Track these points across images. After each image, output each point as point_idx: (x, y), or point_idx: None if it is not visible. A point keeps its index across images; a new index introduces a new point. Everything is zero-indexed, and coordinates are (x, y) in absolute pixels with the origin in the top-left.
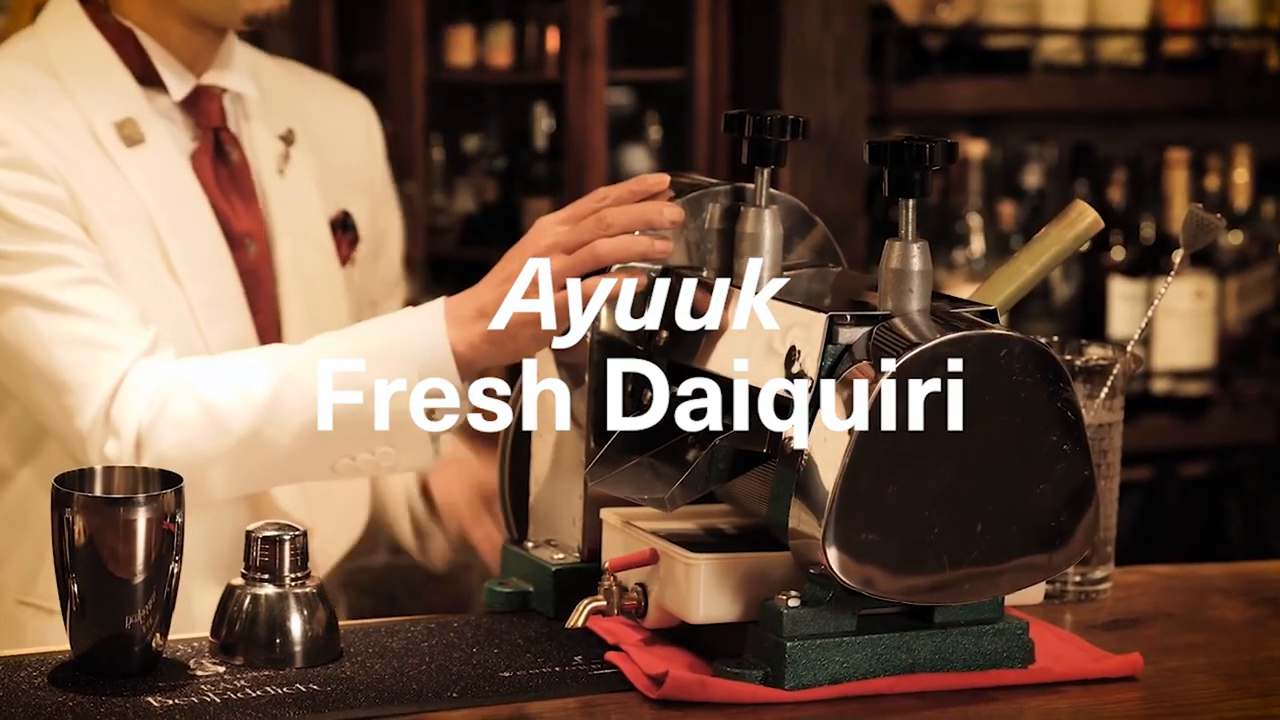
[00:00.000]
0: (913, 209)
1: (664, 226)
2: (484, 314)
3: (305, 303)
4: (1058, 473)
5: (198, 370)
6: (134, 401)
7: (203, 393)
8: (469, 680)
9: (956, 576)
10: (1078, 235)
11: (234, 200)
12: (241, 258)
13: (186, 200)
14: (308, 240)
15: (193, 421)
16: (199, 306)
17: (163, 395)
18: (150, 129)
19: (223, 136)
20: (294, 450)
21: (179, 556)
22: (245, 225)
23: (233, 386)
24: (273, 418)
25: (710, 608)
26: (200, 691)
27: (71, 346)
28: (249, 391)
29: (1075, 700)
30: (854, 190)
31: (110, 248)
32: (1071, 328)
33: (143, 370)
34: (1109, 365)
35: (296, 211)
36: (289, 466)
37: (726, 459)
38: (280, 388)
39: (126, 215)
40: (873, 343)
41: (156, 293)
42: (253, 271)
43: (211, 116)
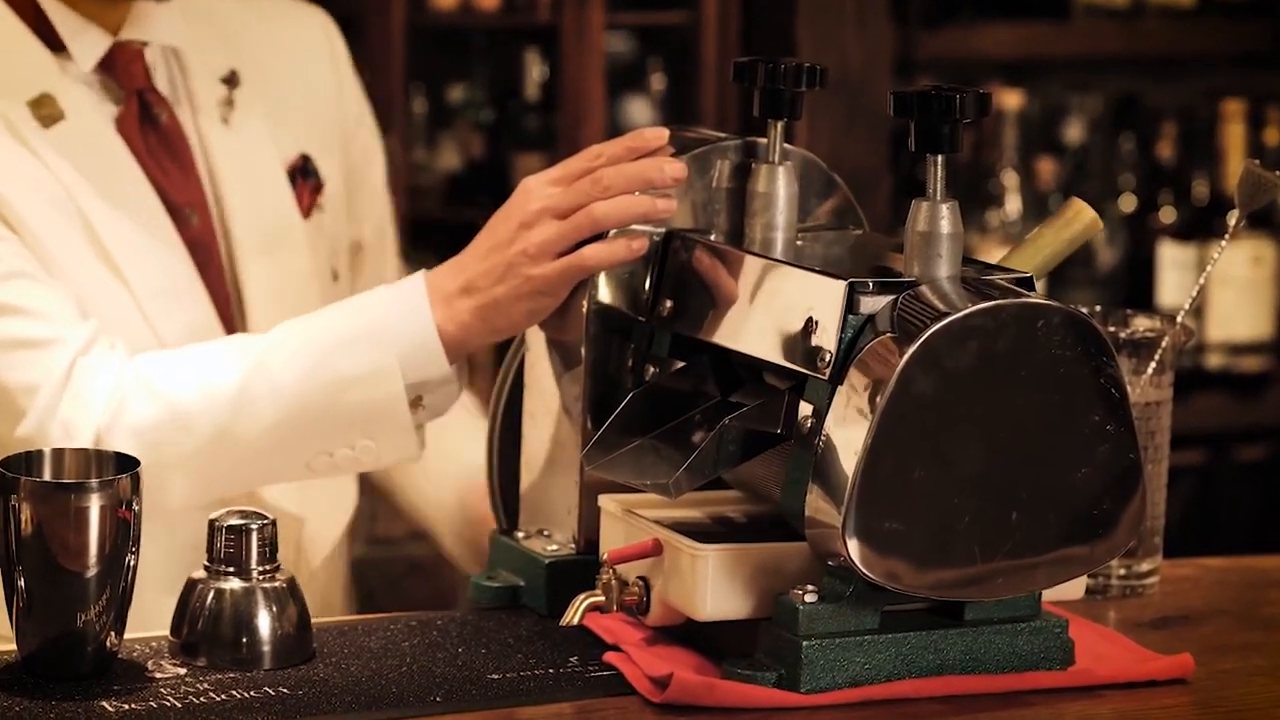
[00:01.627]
0: (942, 166)
1: (666, 185)
2: (470, 289)
3: (266, 268)
4: (1100, 456)
5: (157, 366)
6: (89, 402)
7: (163, 390)
8: (454, 683)
9: (989, 570)
10: (1073, 237)
11: (169, 168)
12: (185, 230)
13: (117, 176)
14: (261, 196)
15: (154, 423)
16: (146, 298)
17: (120, 395)
18: (69, 103)
19: (149, 98)
20: (265, 449)
21: (136, 548)
22: (184, 194)
23: (196, 382)
24: (241, 414)
25: (719, 603)
26: (159, 695)
27: (5, 348)
28: (214, 386)
29: (1119, 705)
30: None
31: (39, 244)
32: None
33: (91, 366)
34: (1157, 338)
35: (246, 165)
36: (260, 466)
37: (736, 441)
38: (248, 381)
39: (52, 206)
40: (898, 312)
41: (96, 288)
42: (200, 244)
43: (134, 78)
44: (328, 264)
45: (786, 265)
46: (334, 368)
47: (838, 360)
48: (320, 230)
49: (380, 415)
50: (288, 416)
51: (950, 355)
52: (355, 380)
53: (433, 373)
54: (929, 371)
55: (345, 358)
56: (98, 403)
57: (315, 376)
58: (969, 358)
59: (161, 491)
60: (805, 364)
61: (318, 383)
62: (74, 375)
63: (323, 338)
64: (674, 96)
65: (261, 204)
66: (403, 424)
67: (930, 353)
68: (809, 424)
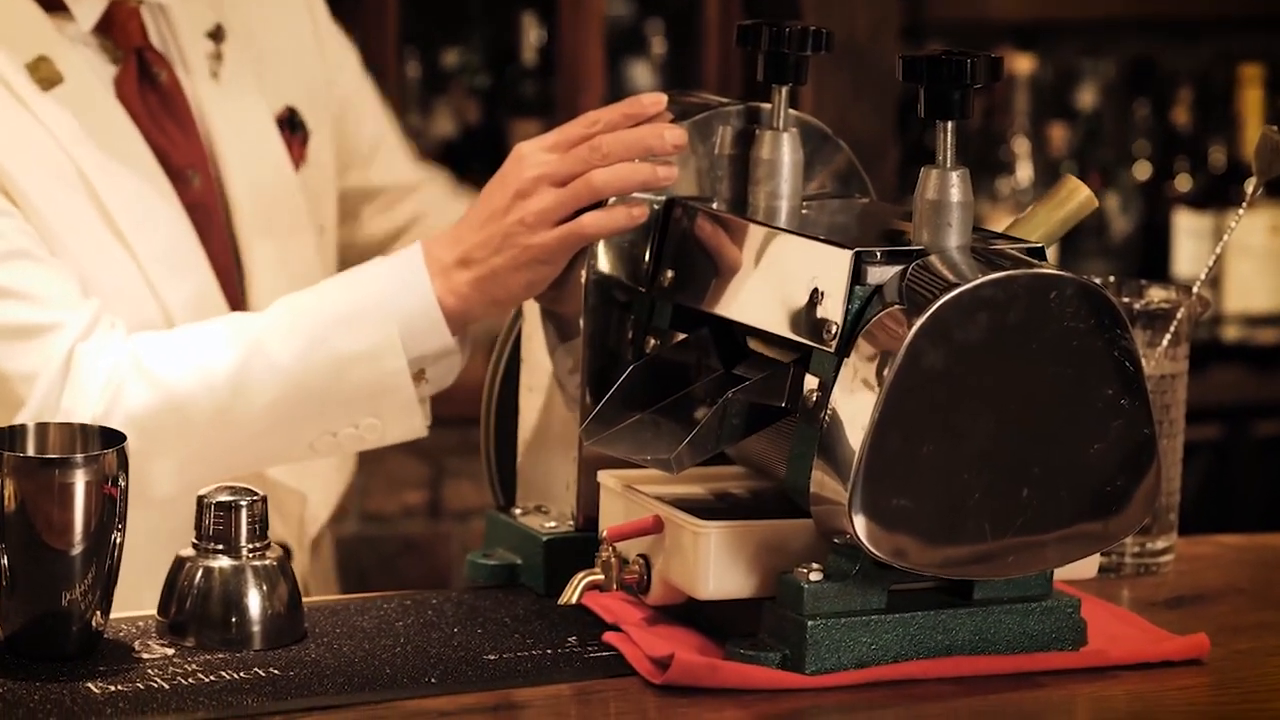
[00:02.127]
0: (952, 132)
1: (666, 152)
2: (468, 261)
3: (265, 227)
4: (1114, 431)
5: (152, 349)
6: (86, 389)
7: (159, 375)
8: (449, 664)
9: (999, 547)
10: (1066, 217)
11: (169, 128)
12: (185, 193)
13: (117, 139)
14: (256, 152)
15: (150, 410)
16: (150, 263)
17: (115, 382)
18: (67, 64)
19: (148, 57)
20: (265, 431)
21: (122, 525)
22: (185, 155)
23: (192, 365)
24: (240, 397)
25: (722, 582)
26: (146, 676)
27: (4, 336)
28: (211, 369)
29: (1132, 686)
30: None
31: (39, 212)
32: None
33: (90, 352)
34: (1172, 309)
35: (239, 121)
36: (260, 449)
37: (740, 415)
38: (246, 362)
39: (54, 172)
40: (906, 283)
41: (100, 256)
42: (201, 206)
43: (131, 35)
44: (316, 219)
45: (791, 234)
46: (334, 345)
47: (844, 332)
48: (308, 184)
49: (384, 392)
50: (288, 397)
51: (960, 327)
52: (356, 357)
53: (434, 345)
54: (938, 344)
55: (345, 335)
56: (94, 390)
57: (315, 355)
58: (979, 330)
59: (147, 481)
60: (811, 336)
61: (318, 361)
62: (73, 363)
63: (320, 314)
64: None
65: (256, 160)
66: (407, 399)
67: (940, 324)
68: (814, 397)
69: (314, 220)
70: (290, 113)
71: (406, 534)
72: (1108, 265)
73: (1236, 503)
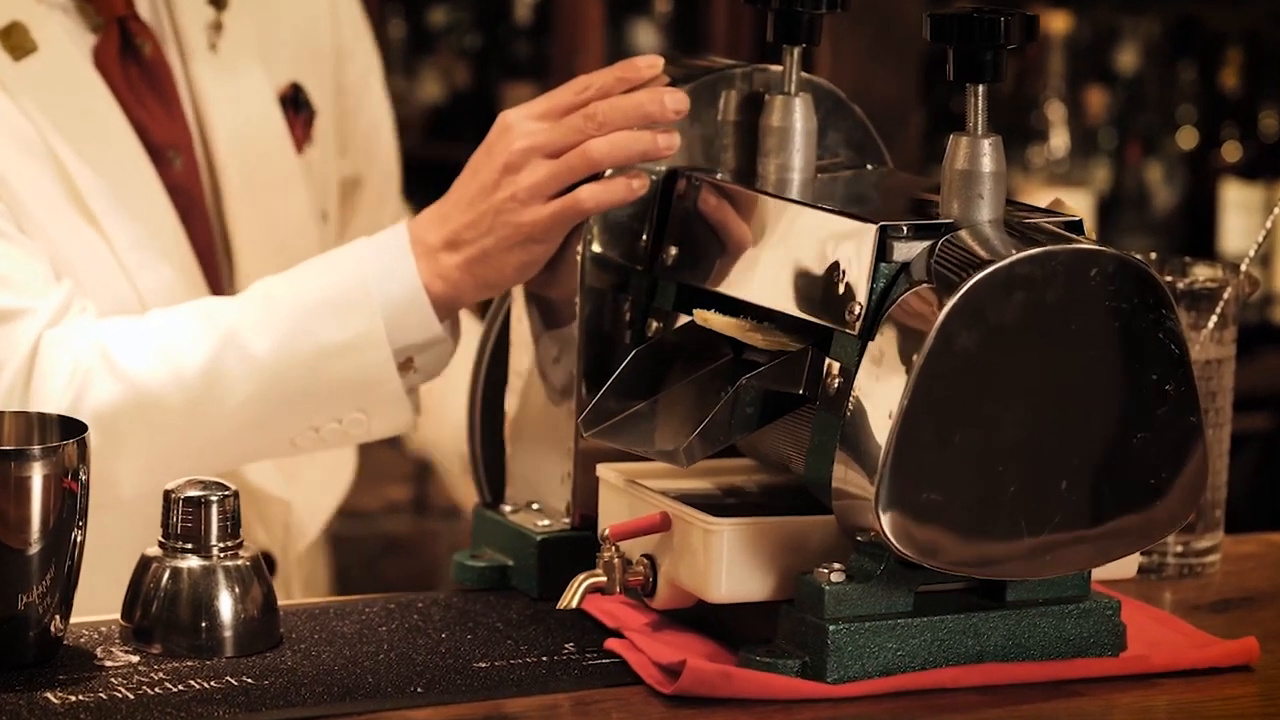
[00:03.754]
0: (983, 97)
1: (667, 119)
2: (456, 242)
3: (256, 212)
4: (1159, 419)
5: (119, 339)
6: (52, 382)
7: (126, 368)
8: (436, 672)
9: (1036, 545)
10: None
11: (151, 105)
12: (167, 174)
13: (94, 115)
14: (252, 131)
15: (117, 407)
16: (125, 249)
17: (80, 375)
18: (42, 32)
19: (131, 26)
20: (241, 427)
21: (83, 522)
22: (167, 134)
23: (162, 356)
24: (213, 390)
25: (736, 584)
26: (109, 686)
27: None
28: (182, 361)
29: (1175, 696)
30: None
31: (8, 188)
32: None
33: (56, 341)
34: (1218, 289)
35: (236, 97)
36: (236, 447)
37: (754, 403)
38: (219, 353)
39: (23, 147)
40: (935, 260)
41: (70, 238)
42: (182, 190)
43: (114, 3)
44: (318, 204)
45: (809, 207)
46: (313, 336)
47: (868, 313)
48: (311, 167)
49: (368, 385)
50: (265, 391)
51: (995, 307)
52: (338, 348)
53: (421, 335)
54: (971, 325)
55: (325, 324)
56: (60, 382)
57: (293, 346)
58: (1015, 310)
59: (113, 481)
60: (831, 318)
61: (296, 352)
62: (40, 352)
63: (298, 301)
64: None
65: (252, 140)
66: (393, 392)
67: (973, 305)
68: (836, 384)
69: (316, 206)
70: (295, 89)
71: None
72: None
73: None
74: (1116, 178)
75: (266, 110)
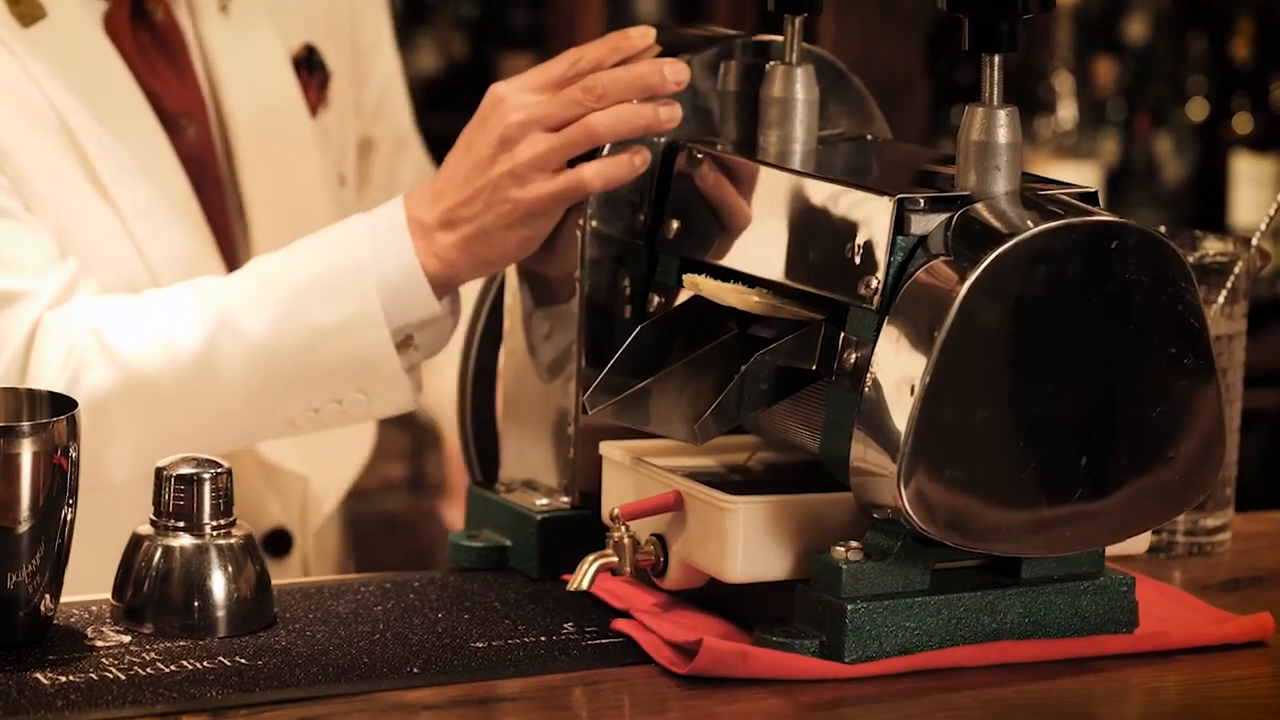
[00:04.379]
0: (998, 67)
1: (667, 90)
2: (452, 220)
3: (271, 178)
4: (1178, 392)
5: (114, 321)
6: (47, 366)
7: (120, 351)
8: (433, 652)
9: (1057, 520)
10: None
11: (163, 72)
12: (180, 142)
13: (105, 82)
14: (266, 96)
15: (111, 391)
16: (135, 219)
17: (75, 357)
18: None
19: None
20: (238, 410)
21: (73, 500)
22: (179, 102)
23: (156, 338)
24: (208, 373)
25: (753, 563)
26: (100, 666)
27: None
28: (176, 343)
29: (1186, 675)
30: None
31: (14, 160)
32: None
33: (54, 324)
34: (1229, 263)
35: (249, 61)
36: (233, 428)
37: (767, 379)
38: (214, 335)
39: (32, 116)
40: (954, 233)
41: (78, 208)
42: (196, 158)
43: None
44: (335, 168)
45: (821, 180)
46: (309, 316)
47: (886, 288)
48: (327, 130)
49: (366, 365)
50: (260, 373)
51: (1016, 281)
52: (334, 329)
53: (420, 314)
54: (993, 299)
55: (321, 304)
56: (54, 366)
57: (289, 326)
58: (1037, 283)
59: (103, 464)
60: (846, 292)
61: (292, 333)
62: (39, 334)
63: (293, 281)
64: None
65: (266, 103)
66: (392, 372)
67: (995, 278)
68: (853, 360)
69: (332, 169)
70: (309, 51)
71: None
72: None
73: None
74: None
75: (280, 73)
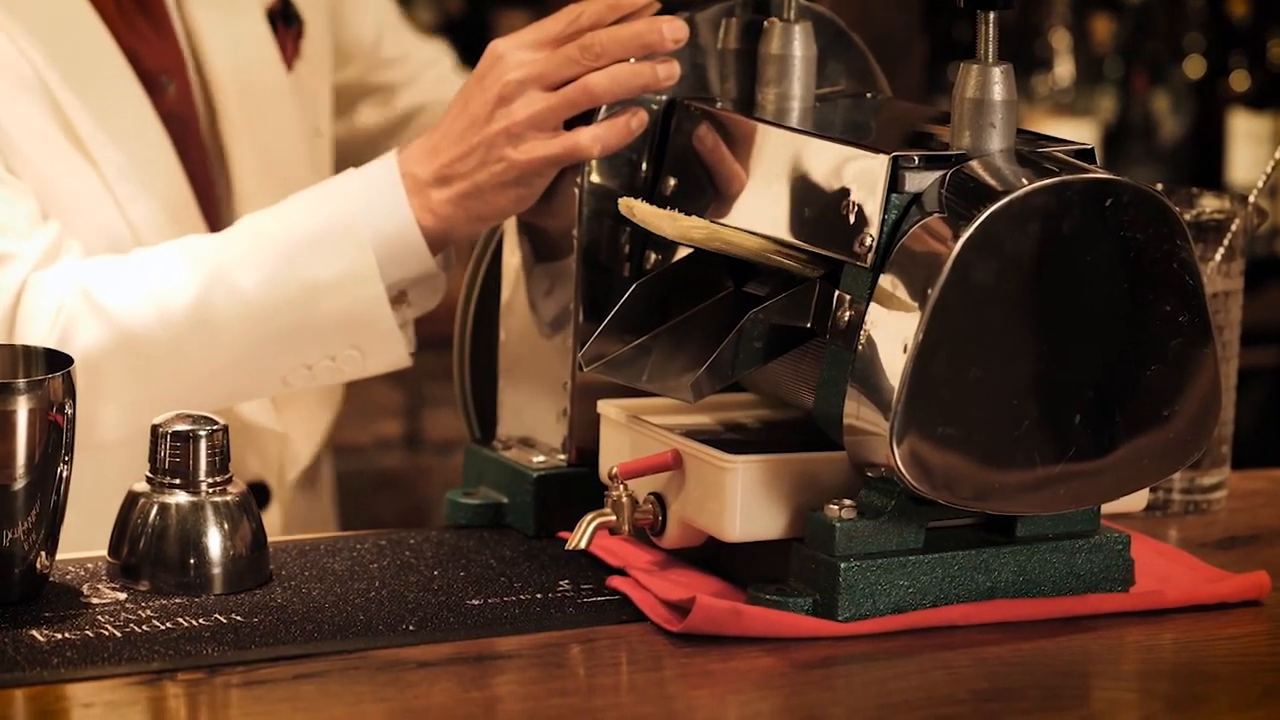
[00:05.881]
0: (994, 24)
1: (666, 49)
2: (447, 177)
3: (253, 134)
4: (1173, 350)
5: (103, 279)
6: (35, 325)
7: (112, 308)
8: (429, 610)
9: (1050, 478)
10: None
11: (142, 29)
12: (160, 101)
13: (85, 42)
14: (244, 49)
15: (103, 348)
16: (115, 177)
17: (65, 316)
18: None
19: None
20: (230, 366)
21: (69, 457)
22: (160, 60)
23: (148, 295)
24: (201, 330)
25: (750, 522)
26: (96, 623)
27: None
28: (168, 300)
29: (1180, 634)
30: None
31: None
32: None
33: (40, 285)
34: (1226, 220)
35: (226, 15)
36: (226, 385)
37: (762, 337)
38: (207, 292)
39: (10, 75)
40: (948, 190)
41: (60, 168)
42: (177, 116)
43: None
44: (311, 121)
45: (816, 137)
46: (303, 272)
47: (880, 245)
48: (301, 82)
49: (361, 321)
50: (254, 330)
51: (1010, 238)
52: (328, 284)
53: (414, 269)
54: (987, 257)
55: (315, 260)
56: (43, 326)
57: (282, 282)
58: (1031, 241)
59: (94, 423)
60: (841, 250)
61: (286, 290)
62: (24, 296)
63: (287, 238)
64: None
65: (245, 59)
66: (387, 328)
67: (989, 236)
68: (847, 317)
69: (307, 123)
70: (283, 4)
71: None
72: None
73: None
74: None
75: (256, 28)
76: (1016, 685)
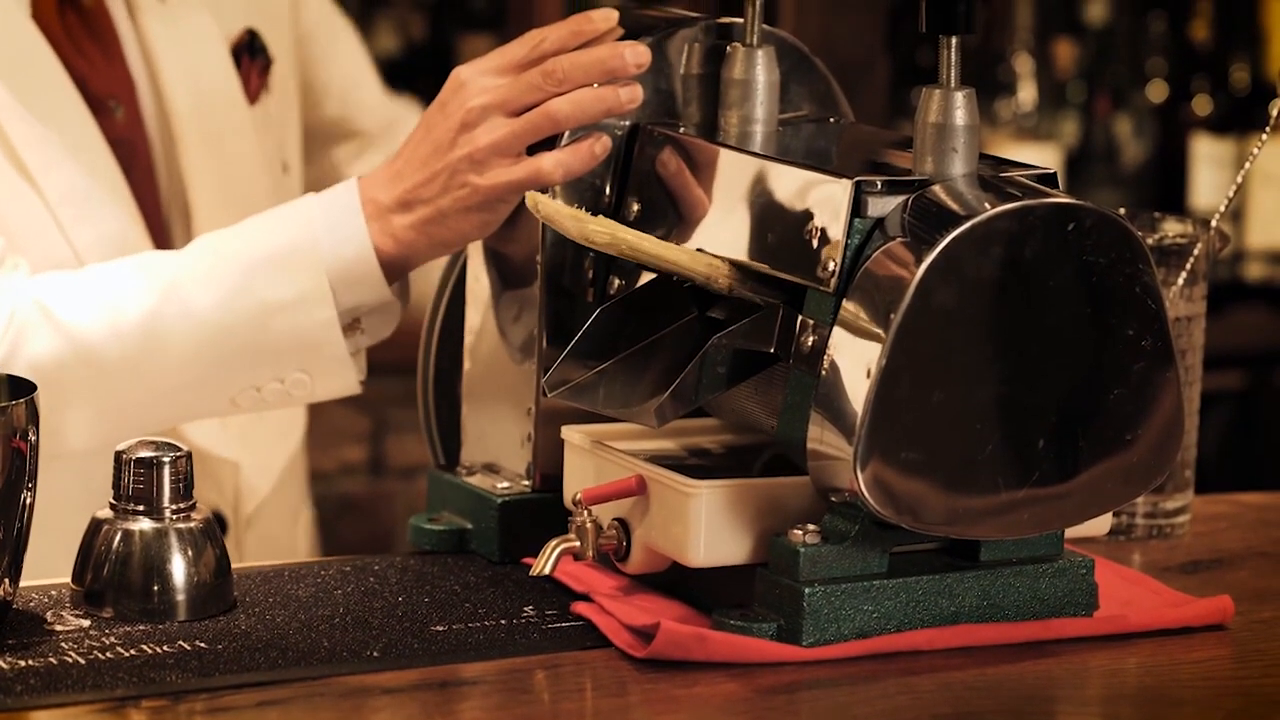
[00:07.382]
0: (956, 49)
1: (628, 74)
2: (409, 202)
3: (212, 164)
4: (1136, 375)
5: (57, 290)
6: None
7: (64, 319)
8: (393, 636)
9: (1014, 503)
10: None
11: (91, 53)
12: (108, 125)
13: (30, 65)
14: (204, 81)
15: (55, 357)
16: (59, 204)
17: (16, 327)
18: None
19: None
20: (181, 384)
21: (32, 484)
22: (107, 84)
23: (101, 309)
24: (153, 345)
25: (715, 547)
26: (60, 650)
27: None
28: (121, 314)
29: (1145, 659)
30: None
31: None
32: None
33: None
34: (1189, 244)
35: (186, 46)
36: (175, 403)
37: (725, 362)
38: (160, 307)
39: None
40: (910, 215)
41: (3, 193)
42: (125, 141)
43: None
44: (277, 155)
45: (779, 162)
46: (257, 292)
47: (843, 270)
48: (268, 116)
49: (311, 345)
50: (206, 347)
51: (973, 263)
52: (281, 306)
53: (369, 296)
54: (950, 281)
55: (270, 280)
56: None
57: (236, 302)
58: (993, 265)
59: (60, 432)
60: (804, 274)
61: (239, 309)
62: None
63: (243, 256)
64: None
65: (204, 90)
66: (338, 353)
67: (951, 260)
68: (811, 342)
69: (274, 156)
70: (250, 36)
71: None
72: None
73: (1259, 458)
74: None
75: (217, 60)
76: (981, 710)
